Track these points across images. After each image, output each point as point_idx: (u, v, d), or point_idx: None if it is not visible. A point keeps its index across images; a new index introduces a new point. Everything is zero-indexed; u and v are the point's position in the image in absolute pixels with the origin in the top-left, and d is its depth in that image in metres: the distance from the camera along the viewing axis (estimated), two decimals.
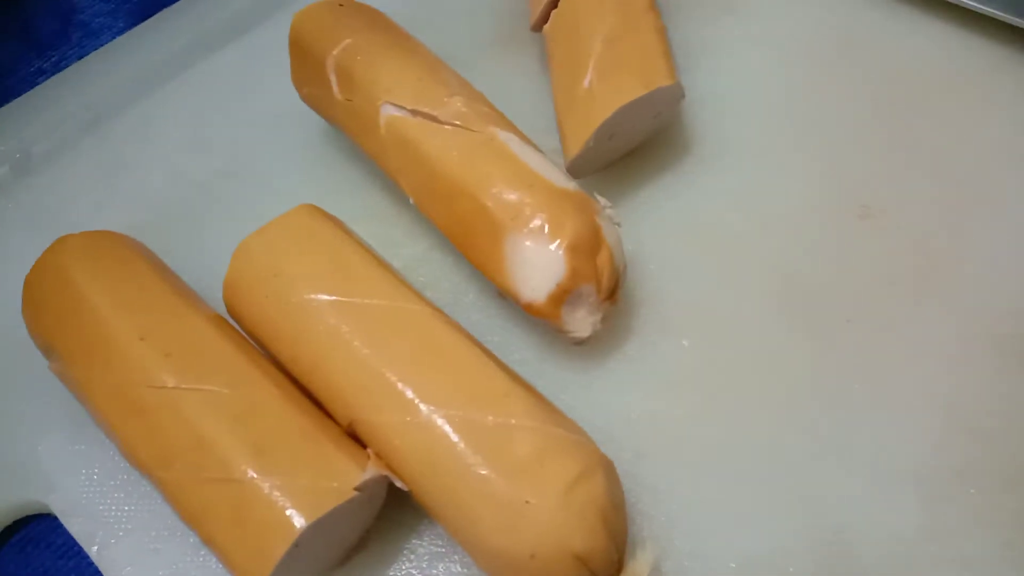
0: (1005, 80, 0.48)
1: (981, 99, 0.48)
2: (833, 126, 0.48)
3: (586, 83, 0.44)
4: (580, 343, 0.40)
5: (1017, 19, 0.48)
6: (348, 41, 0.45)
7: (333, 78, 0.45)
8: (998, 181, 0.45)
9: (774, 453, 0.39)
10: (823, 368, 0.41)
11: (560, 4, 0.48)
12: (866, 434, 0.39)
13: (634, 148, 0.47)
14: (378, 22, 0.46)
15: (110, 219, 0.48)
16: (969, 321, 0.41)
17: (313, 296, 0.36)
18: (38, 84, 0.55)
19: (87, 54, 0.57)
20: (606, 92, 0.43)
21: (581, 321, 0.39)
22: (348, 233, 0.40)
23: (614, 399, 0.41)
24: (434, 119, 0.42)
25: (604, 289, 0.39)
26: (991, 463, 0.38)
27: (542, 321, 0.39)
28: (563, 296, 0.38)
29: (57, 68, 0.58)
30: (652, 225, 0.45)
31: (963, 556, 0.36)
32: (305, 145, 0.50)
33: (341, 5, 0.46)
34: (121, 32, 0.58)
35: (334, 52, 0.45)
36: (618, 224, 0.41)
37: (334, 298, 0.36)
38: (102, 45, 0.57)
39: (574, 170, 0.45)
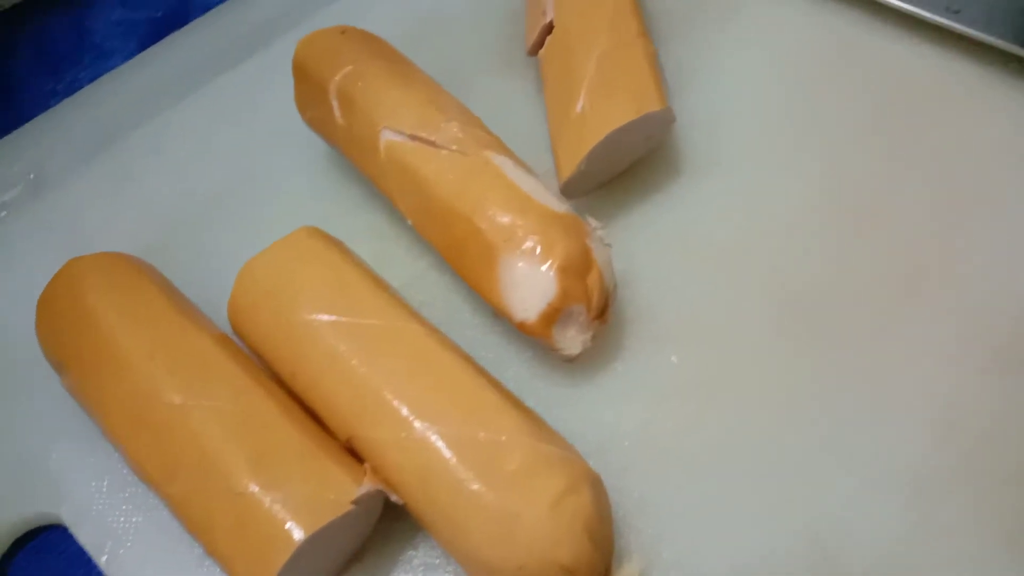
0: (995, 98, 0.49)
1: (973, 122, 0.49)
2: (825, 144, 0.49)
3: (578, 108, 0.45)
4: (571, 360, 0.41)
5: (998, 41, 0.49)
6: (349, 68, 0.46)
7: (335, 103, 0.46)
8: (991, 193, 0.46)
9: (764, 466, 0.40)
10: (813, 383, 0.42)
11: (554, 30, 0.49)
12: (859, 445, 0.40)
13: (627, 168, 0.49)
14: (379, 49, 0.48)
15: (121, 237, 0.50)
16: (965, 329, 0.42)
17: (313, 316, 0.38)
18: (51, 105, 0.57)
19: (99, 75, 0.59)
20: (598, 117, 0.45)
21: (572, 339, 0.40)
22: (348, 254, 0.41)
23: (604, 414, 0.42)
24: (431, 144, 0.43)
25: (594, 308, 0.40)
26: (985, 467, 0.39)
27: (534, 339, 0.41)
28: (554, 316, 0.39)
29: (70, 89, 0.60)
30: (644, 243, 0.47)
31: (957, 559, 0.37)
32: (309, 164, 0.52)
33: (343, 32, 0.48)
34: (133, 54, 0.60)
35: (336, 78, 0.46)
36: (608, 245, 0.42)
37: (333, 318, 0.38)
38: (114, 66, 0.59)
39: (567, 191, 0.46)
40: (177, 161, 0.53)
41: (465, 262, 0.42)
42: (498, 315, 0.45)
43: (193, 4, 0.64)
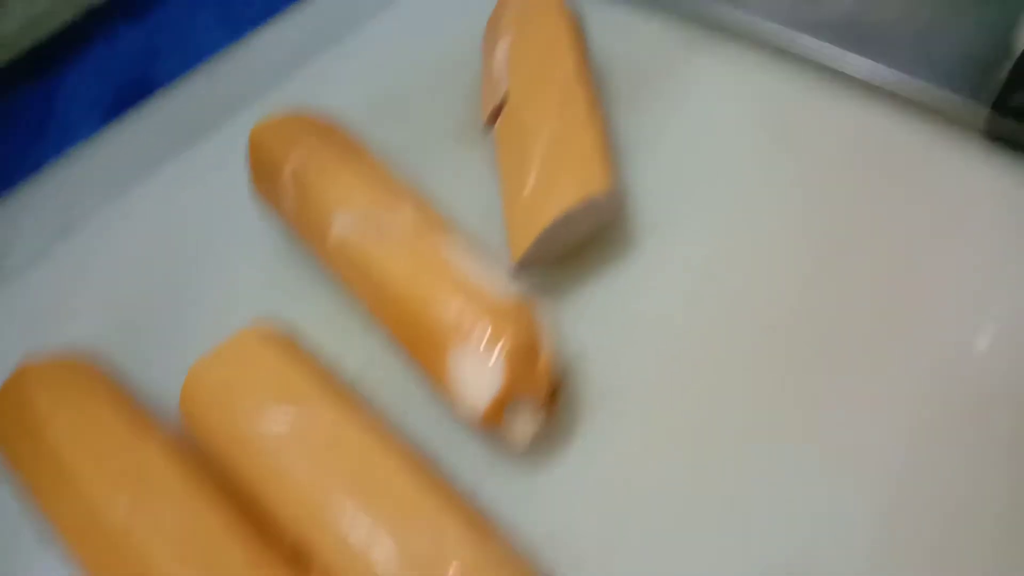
0: (943, 158, 0.49)
1: (928, 177, 0.48)
2: (781, 210, 0.49)
3: (527, 190, 0.45)
4: (523, 448, 0.41)
5: (946, 95, 0.49)
6: (302, 154, 0.46)
7: (288, 187, 0.47)
8: (944, 251, 0.46)
9: (727, 545, 0.40)
10: (773, 461, 0.41)
11: (507, 105, 0.49)
12: (819, 512, 0.40)
13: (583, 242, 0.49)
14: (331, 135, 0.48)
15: (81, 328, 0.50)
16: (924, 389, 0.42)
17: (257, 423, 0.38)
18: (16, 184, 0.58)
19: (63, 149, 0.59)
20: (546, 199, 0.45)
21: (520, 431, 0.40)
22: (295, 353, 0.41)
23: (558, 501, 0.42)
24: (382, 229, 0.44)
25: (543, 396, 0.40)
26: (949, 517, 0.38)
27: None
28: (501, 407, 0.40)
29: (36, 165, 0.60)
30: (598, 319, 0.46)
31: None
32: (265, 247, 0.52)
33: (297, 117, 0.48)
34: (97, 128, 0.60)
35: (288, 164, 0.46)
36: (561, 325, 0.42)
37: (279, 423, 0.38)
38: (78, 139, 0.60)
39: (521, 269, 0.46)
40: (132, 249, 0.53)
41: (415, 351, 0.43)
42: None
43: (158, 69, 0.64)
